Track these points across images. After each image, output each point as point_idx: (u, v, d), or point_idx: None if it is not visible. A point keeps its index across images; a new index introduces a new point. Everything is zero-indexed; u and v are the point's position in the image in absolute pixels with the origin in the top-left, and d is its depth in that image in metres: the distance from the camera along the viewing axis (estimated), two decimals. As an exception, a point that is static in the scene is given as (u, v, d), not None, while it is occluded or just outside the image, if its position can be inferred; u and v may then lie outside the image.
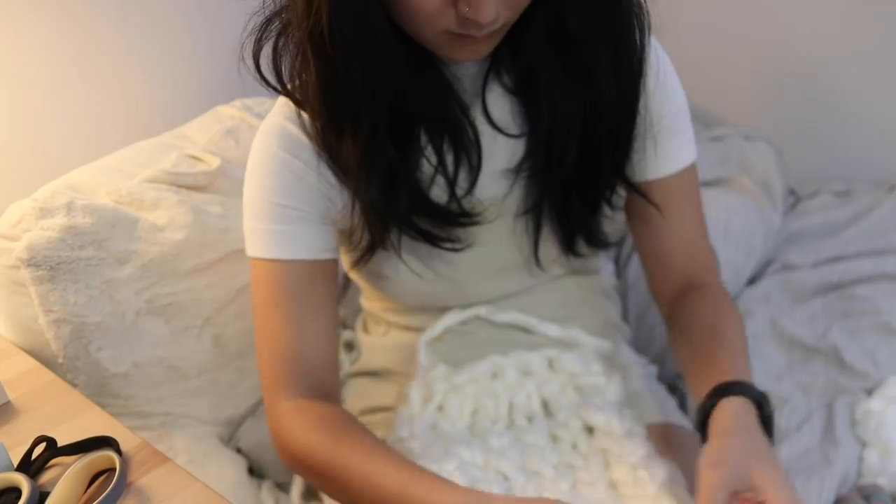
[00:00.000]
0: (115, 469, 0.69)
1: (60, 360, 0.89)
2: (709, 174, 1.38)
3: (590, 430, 0.83)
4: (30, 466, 0.71)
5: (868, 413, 1.00)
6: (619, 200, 0.85)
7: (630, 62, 0.74)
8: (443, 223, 0.78)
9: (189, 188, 1.00)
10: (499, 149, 0.79)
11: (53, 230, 0.88)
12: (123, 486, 0.69)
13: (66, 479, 0.67)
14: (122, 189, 0.96)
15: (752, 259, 1.30)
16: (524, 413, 0.84)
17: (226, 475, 0.93)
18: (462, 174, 0.77)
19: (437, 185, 0.77)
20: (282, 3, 0.70)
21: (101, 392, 0.91)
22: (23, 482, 0.65)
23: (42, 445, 0.72)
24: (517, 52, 0.74)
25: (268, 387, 0.78)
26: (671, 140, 0.82)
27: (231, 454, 0.98)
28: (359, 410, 0.94)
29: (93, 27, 1.11)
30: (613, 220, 0.85)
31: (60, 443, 0.73)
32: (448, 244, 0.79)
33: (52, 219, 0.88)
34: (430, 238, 0.78)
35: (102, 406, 0.82)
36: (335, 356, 0.81)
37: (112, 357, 0.90)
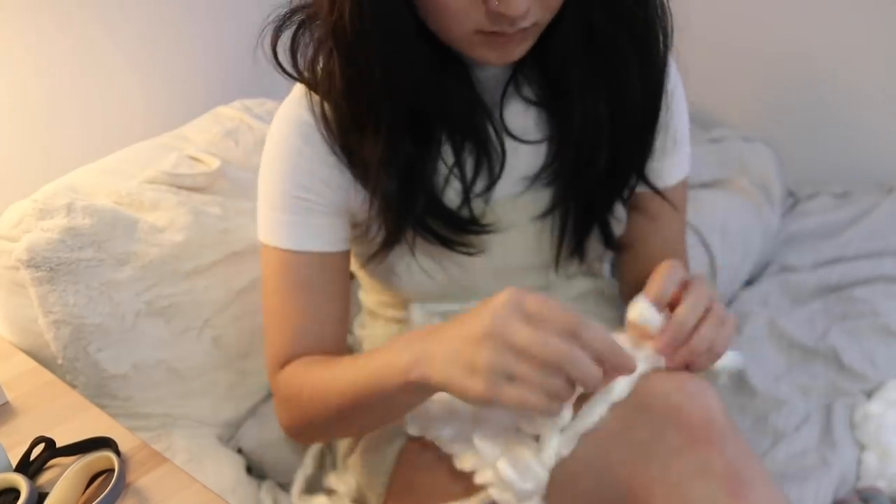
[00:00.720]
0: (114, 470, 0.69)
1: (60, 361, 0.89)
2: (707, 176, 1.38)
3: None
4: (29, 467, 0.71)
5: (867, 416, 1.00)
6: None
7: (655, 61, 0.75)
8: (455, 229, 0.78)
9: (189, 189, 1.00)
10: (519, 156, 0.79)
11: (53, 231, 0.88)
12: (122, 487, 0.69)
13: (65, 480, 0.67)
14: (122, 190, 0.96)
15: (750, 260, 1.31)
16: None
17: (225, 474, 0.93)
18: (480, 181, 0.77)
19: (452, 189, 0.77)
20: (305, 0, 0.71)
21: (101, 393, 0.91)
22: (21, 483, 0.65)
23: (41, 446, 0.72)
24: (543, 56, 0.74)
25: (272, 362, 0.80)
26: (677, 152, 0.84)
27: (230, 453, 0.98)
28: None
29: (93, 28, 1.11)
30: (620, 221, 0.86)
31: (59, 443, 0.73)
32: (462, 248, 0.79)
33: (52, 220, 0.89)
34: (445, 242, 0.78)
35: (101, 407, 0.82)
36: (343, 341, 0.82)
37: (111, 358, 0.90)
